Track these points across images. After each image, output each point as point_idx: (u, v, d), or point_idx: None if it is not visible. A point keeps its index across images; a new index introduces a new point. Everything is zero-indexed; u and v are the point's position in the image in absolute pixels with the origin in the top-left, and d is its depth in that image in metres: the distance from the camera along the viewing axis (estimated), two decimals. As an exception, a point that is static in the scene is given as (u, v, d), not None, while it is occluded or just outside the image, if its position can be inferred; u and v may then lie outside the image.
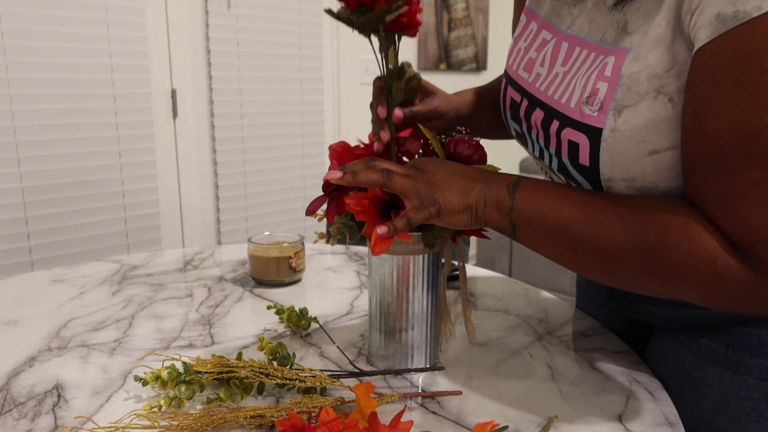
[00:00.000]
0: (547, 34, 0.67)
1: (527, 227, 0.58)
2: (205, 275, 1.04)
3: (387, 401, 0.63)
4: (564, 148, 0.60)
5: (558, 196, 0.57)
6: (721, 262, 0.50)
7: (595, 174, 0.58)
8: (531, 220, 0.57)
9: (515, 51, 0.72)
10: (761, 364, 0.60)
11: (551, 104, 0.62)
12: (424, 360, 0.71)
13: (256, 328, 0.83)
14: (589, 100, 0.56)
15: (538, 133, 0.65)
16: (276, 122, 2.32)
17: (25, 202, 1.76)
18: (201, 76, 2.12)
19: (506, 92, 0.72)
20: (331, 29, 2.50)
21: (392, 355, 0.70)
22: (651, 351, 0.75)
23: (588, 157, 0.57)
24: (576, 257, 0.57)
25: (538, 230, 0.58)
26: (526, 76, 0.67)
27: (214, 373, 0.63)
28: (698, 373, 0.65)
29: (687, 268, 0.51)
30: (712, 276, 0.50)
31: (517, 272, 2.80)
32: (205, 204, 2.21)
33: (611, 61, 0.55)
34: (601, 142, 0.55)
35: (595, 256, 0.55)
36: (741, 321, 0.62)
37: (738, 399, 0.62)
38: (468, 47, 3.10)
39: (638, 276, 0.54)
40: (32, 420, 0.60)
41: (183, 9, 2.03)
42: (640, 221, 0.53)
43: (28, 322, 0.84)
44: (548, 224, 0.57)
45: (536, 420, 0.61)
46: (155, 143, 2.01)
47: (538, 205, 0.57)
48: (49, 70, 1.74)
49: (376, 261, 0.68)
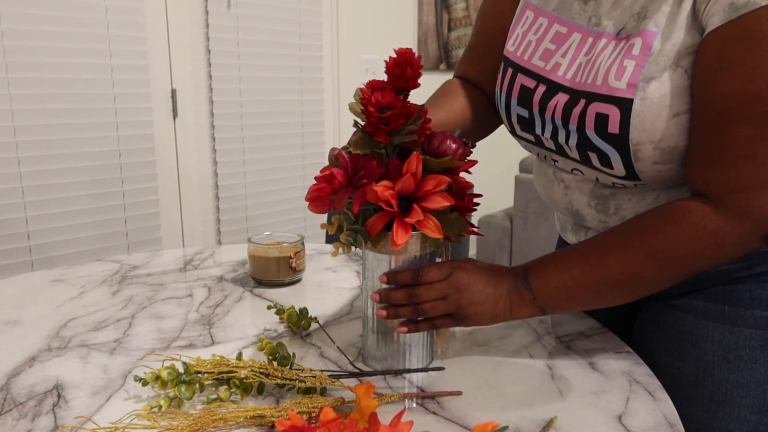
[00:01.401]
0: (562, 28, 0.74)
1: (553, 304, 0.67)
2: (205, 275, 1.04)
3: (387, 401, 0.63)
4: (590, 122, 0.67)
5: (563, 265, 0.66)
6: (710, 225, 0.61)
7: (624, 140, 0.65)
8: (553, 298, 0.66)
9: (524, 43, 0.77)
10: (755, 314, 0.70)
11: (577, 87, 0.69)
12: (420, 359, 0.71)
13: (256, 328, 0.83)
14: (617, 76, 0.64)
15: (555, 114, 0.71)
16: (276, 122, 2.32)
17: (25, 202, 1.76)
18: (201, 76, 2.12)
19: (514, 79, 0.77)
20: (331, 29, 2.50)
21: (388, 356, 0.70)
22: (644, 323, 0.81)
23: (618, 125, 0.64)
24: (604, 299, 0.67)
25: (563, 301, 0.67)
26: (543, 65, 0.74)
27: (214, 373, 0.63)
28: (698, 331, 0.73)
29: (691, 246, 0.61)
30: (710, 239, 0.61)
31: (517, 272, 2.79)
32: (205, 204, 2.21)
33: (638, 42, 0.64)
34: (631, 111, 0.63)
35: (619, 289, 0.66)
36: (732, 280, 0.71)
37: (736, 349, 0.70)
38: (468, 47, 3.10)
39: (658, 277, 0.64)
40: (32, 420, 0.60)
41: (183, 9, 2.03)
42: (636, 236, 0.64)
43: (28, 322, 0.84)
44: (569, 293, 0.66)
45: (536, 420, 0.61)
46: (155, 143, 2.01)
47: (552, 283, 0.66)
48: (49, 70, 1.74)
49: (372, 262, 0.68)
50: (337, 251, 0.68)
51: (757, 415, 0.71)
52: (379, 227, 0.63)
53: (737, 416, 0.71)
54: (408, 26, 2.82)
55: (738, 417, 0.71)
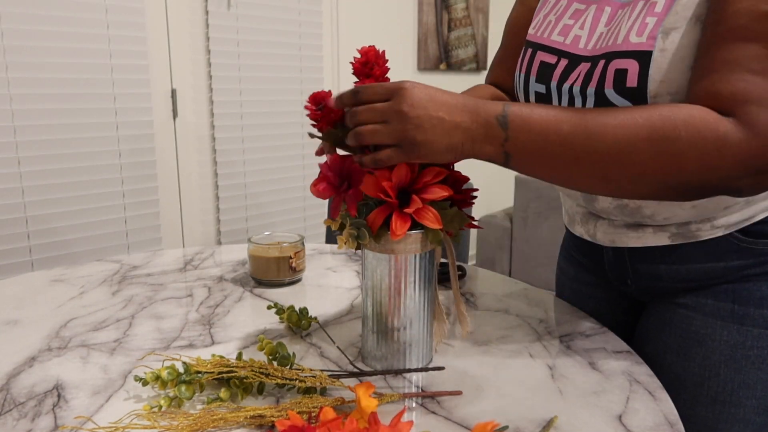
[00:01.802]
0: (580, 5, 0.74)
1: (523, 154, 0.59)
2: (205, 275, 1.04)
3: (387, 401, 0.63)
4: (609, 80, 0.66)
5: (553, 115, 0.59)
6: (722, 128, 0.56)
7: (642, 92, 0.64)
8: (527, 146, 0.59)
9: (545, 23, 0.78)
10: (765, 314, 0.68)
11: (597, 53, 0.69)
12: (421, 358, 0.71)
13: (256, 328, 0.83)
14: (639, 32, 0.64)
15: (575, 82, 0.70)
16: (276, 122, 2.32)
17: (25, 202, 1.76)
18: (201, 76, 2.12)
19: (534, 58, 0.77)
20: (331, 29, 2.50)
21: (388, 355, 0.70)
22: (648, 322, 0.80)
23: (636, 78, 0.64)
24: (578, 171, 0.59)
25: (536, 155, 0.59)
26: (563, 39, 0.74)
27: (214, 373, 0.63)
28: (706, 330, 0.72)
29: (696, 139, 0.56)
30: (717, 141, 0.56)
31: (517, 272, 2.80)
32: (205, 204, 2.21)
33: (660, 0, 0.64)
34: (651, 62, 0.63)
35: (601, 162, 0.58)
36: (742, 278, 0.70)
37: (744, 349, 0.69)
38: (468, 47, 3.10)
39: (647, 167, 0.57)
40: (32, 420, 0.60)
41: (183, 9, 2.03)
42: (643, 114, 0.58)
43: (28, 322, 0.84)
44: (547, 146, 0.58)
45: (536, 420, 0.61)
46: (155, 143, 2.01)
47: (534, 129, 0.58)
48: (49, 70, 1.74)
49: (371, 261, 0.68)
50: (342, 245, 0.68)
51: (763, 417, 0.70)
52: (380, 221, 0.64)
53: (742, 418, 0.71)
54: (408, 26, 2.82)
55: (743, 418, 0.71)
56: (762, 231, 0.69)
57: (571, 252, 0.94)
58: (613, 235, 0.79)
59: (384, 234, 0.65)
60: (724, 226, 0.70)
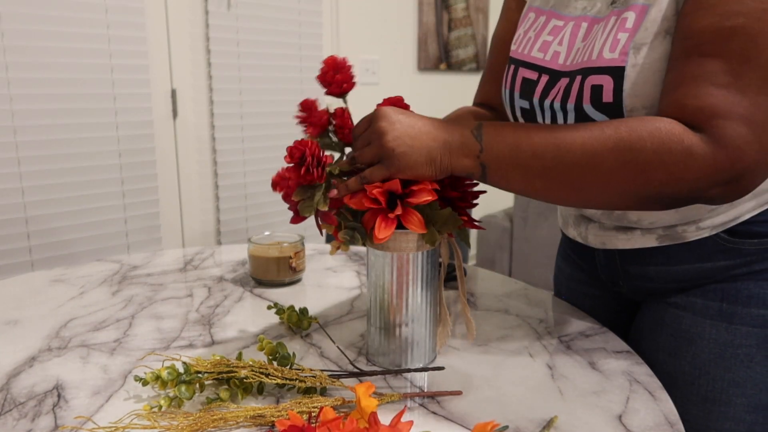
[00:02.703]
0: (558, 21, 0.75)
1: (498, 165, 0.62)
2: (205, 275, 1.04)
3: (387, 401, 0.63)
4: (586, 95, 0.68)
5: (524, 129, 0.63)
6: (687, 140, 0.57)
7: (618, 107, 0.66)
8: (501, 157, 0.62)
9: (525, 39, 0.79)
10: (752, 313, 0.70)
11: (574, 68, 0.70)
12: (423, 356, 0.71)
13: (256, 328, 0.83)
14: (611, 48, 0.66)
15: (555, 98, 0.72)
16: (276, 122, 2.32)
17: (25, 202, 1.76)
18: (201, 76, 2.12)
19: (516, 74, 0.78)
20: (331, 29, 2.50)
21: (391, 352, 0.70)
22: (641, 322, 0.81)
23: (612, 94, 0.65)
24: (549, 181, 0.62)
25: (509, 166, 0.62)
26: (542, 56, 0.76)
27: (214, 373, 0.63)
28: (695, 329, 0.73)
29: (661, 150, 0.58)
30: (682, 153, 0.57)
31: (517, 272, 2.80)
32: (205, 204, 2.21)
33: (631, 16, 0.66)
34: (624, 78, 0.65)
35: (570, 173, 0.60)
36: (730, 278, 0.71)
37: (732, 347, 0.70)
38: (468, 47, 3.10)
39: (614, 177, 0.59)
40: (32, 420, 0.60)
41: (183, 9, 2.03)
42: (610, 126, 0.60)
43: (28, 322, 0.84)
44: (519, 156, 0.61)
45: (536, 420, 0.61)
46: (155, 143, 2.01)
47: (507, 141, 0.62)
48: (49, 70, 1.74)
49: (374, 258, 0.68)
50: (335, 250, 0.68)
51: (753, 415, 0.71)
52: (373, 222, 0.65)
53: (733, 416, 0.71)
54: (408, 26, 2.82)
55: (733, 416, 0.71)
56: (748, 231, 0.70)
57: (567, 251, 0.95)
58: (604, 238, 0.80)
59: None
60: (710, 227, 0.71)
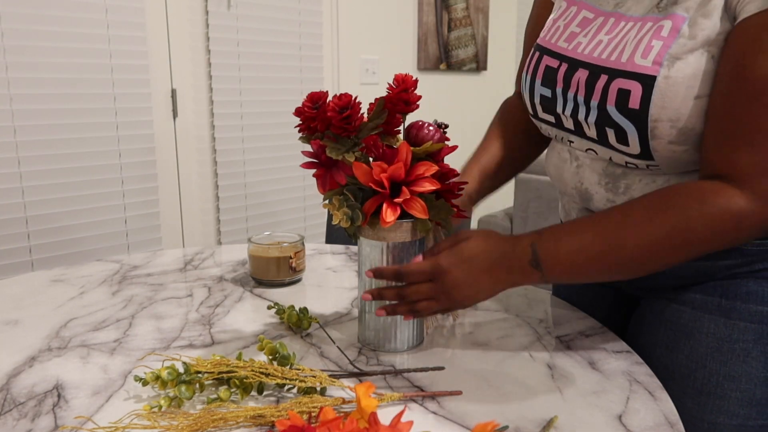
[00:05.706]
0: (589, 14, 0.77)
1: (560, 279, 0.68)
2: (205, 275, 1.04)
3: (387, 401, 0.63)
4: (611, 98, 0.69)
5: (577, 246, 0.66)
6: (735, 207, 0.61)
7: (644, 116, 0.66)
8: (563, 274, 0.67)
9: (553, 28, 0.81)
10: (751, 309, 0.71)
11: (598, 63, 0.71)
12: (409, 338, 0.75)
13: (256, 328, 0.83)
14: (644, 54, 0.66)
15: (578, 91, 0.73)
16: (276, 122, 2.32)
17: (25, 202, 1.76)
18: (201, 76, 2.12)
19: (540, 62, 0.80)
20: (331, 29, 2.50)
21: (379, 333, 0.75)
22: (640, 316, 0.82)
23: (639, 101, 0.66)
24: (609, 276, 0.67)
25: (570, 277, 0.67)
26: (566, 46, 0.77)
27: (214, 373, 0.63)
28: (694, 323, 0.74)
29: (712, 228, 0.62)
30: (732, 221, 0.62)
31: (517, 272, 2.79)
32: (205, 204, 2.21)
33: (667, 24, 0.66)
34: (654, 87, 0.65)
35: (629, 265, 0.65)
36: (729, 276, 0.72)
37: (730, 342, 0.71)
38: (468, 47, 3.10)
39: (673, 256, 0.64)
40: (32, 420, 0.60)
41: (183, 9, 2.03)
42: (657, 216, 0.64)
43: (28, 322, 0.84)
44: (579, 269, 0.66)
45: (536, 420, 0.61)
46: (155, 143, 2.01)
47: (564, 262, 0.66)
48: (49, 70, 1.74)
49: (369, 249, 0.72)
50: (337, 220, 0.70)
51: (746, 409, 0.71)
52: (373, 208, 0.69)
53: (727, 409, 0.72)
54: (408, 26, 2.82)
55: (727, 410, 0.72)
56: None
57: None
58: None
59: (377, 221, 0.70)
60: None
